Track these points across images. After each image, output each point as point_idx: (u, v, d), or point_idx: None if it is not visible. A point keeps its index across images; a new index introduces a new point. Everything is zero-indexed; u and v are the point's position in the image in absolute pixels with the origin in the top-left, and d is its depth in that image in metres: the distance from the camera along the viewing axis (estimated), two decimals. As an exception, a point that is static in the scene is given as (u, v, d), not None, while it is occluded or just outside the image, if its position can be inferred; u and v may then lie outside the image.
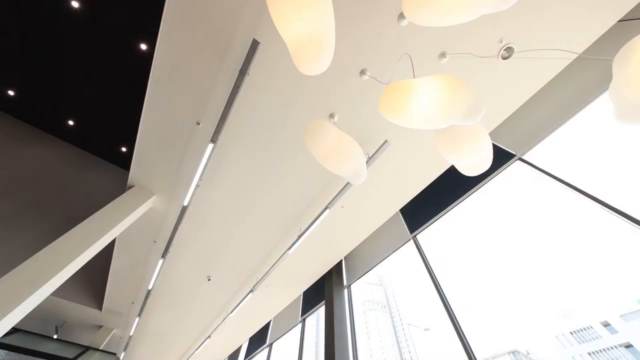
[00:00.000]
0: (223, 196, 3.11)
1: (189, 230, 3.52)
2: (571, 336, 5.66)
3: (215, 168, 2.79)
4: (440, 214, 3.23)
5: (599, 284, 3.19)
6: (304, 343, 4.72)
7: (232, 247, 3.81)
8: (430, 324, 8.60)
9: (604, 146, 2.20)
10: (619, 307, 4.61)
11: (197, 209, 3.23)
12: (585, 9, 1.95)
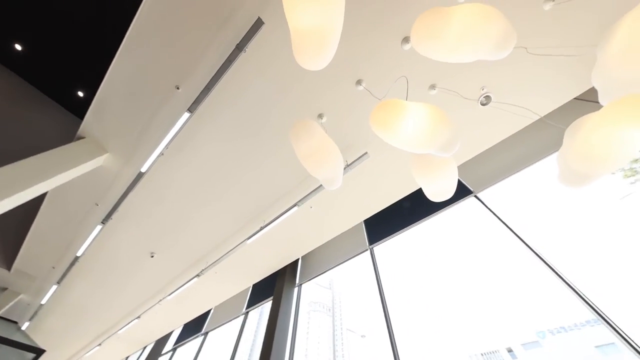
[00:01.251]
0: (188, 173, 2.89)
1: (141, 201, 3.20)
2: (482, 357, 6.48)
3: (185, 141, 2.58)
4: (400, 231, 3.44)
5: (509, 313, 3.70)
6: (242, 335, 4.62)
7: (186, 227, 3.56)
8: (367, 332, 9.08)
9: (542, 198, 2.56)
10: (522, 336, 5.47)
11: (155, 180, 2.96)
12: (551, 85, 2.27)
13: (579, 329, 5.56)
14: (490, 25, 0.99)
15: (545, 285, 2.34)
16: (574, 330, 5.59)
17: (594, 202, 2.93)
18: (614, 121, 0.97)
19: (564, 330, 5.98)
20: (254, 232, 3.43)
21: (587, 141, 1.04)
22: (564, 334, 5.96)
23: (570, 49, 1.94)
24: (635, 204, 2.73)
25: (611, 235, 2.61)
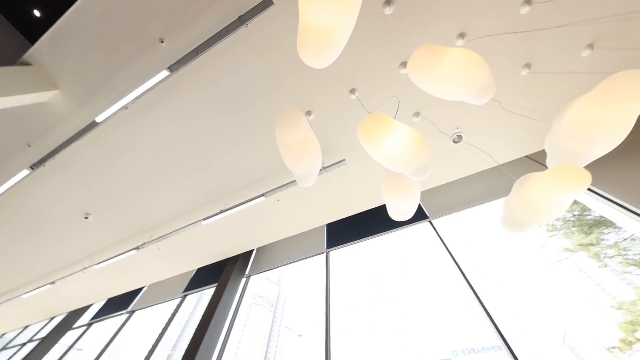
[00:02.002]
0: (152, 137, 2.62)
1: (87, 153, 2.80)
2: None
3: (157, 101, 2.34)
4: (357, 241, 3.58)
5: (433, 331, 4.12)
6: (173, 320, 4.33)
7: (135, 194, 3.21)
8: (305, 332, 9.16)
9: (483, 235, 2.89)
10: (439, 352, 6.36)
11: (111, 134, 2.62)
12: (515, 139, 2.59)
13: (486, 352, 6.47)
14: (478, 74, 1.09)
15: (467, 311, 2.64)
16: (481, 352, 6.46)
17: (520, 246, 3.39)
18: (551, 185, 1.14)
19: (473, 352, 6.88)
20: (212, 215, 3.24)
21: (528, 195, 1.21)
22: (473, 355, 6.88)
23: (535, 113, 2.24)
24: (550, 254, 3.21)
25: (527, 277, 3.03)
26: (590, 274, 3.64)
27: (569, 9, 1.79)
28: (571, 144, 1.15)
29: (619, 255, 3.05)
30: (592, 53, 2.02)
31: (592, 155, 1.14)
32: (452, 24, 1.90)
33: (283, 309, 10.79)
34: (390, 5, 1.75)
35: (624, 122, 1.07)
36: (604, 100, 1.07)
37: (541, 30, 1.84)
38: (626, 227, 2.26)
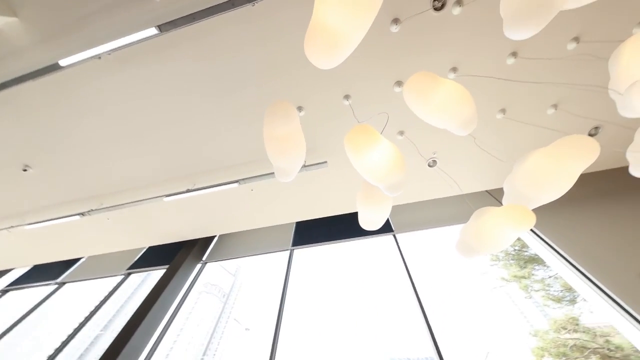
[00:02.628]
0: (125, 96, 2.37)
1: (41, 99, 2.45)
2: None
3: (138, 58, 2.13)
4: (323, 243, 3.63)
5: (376, 337, 4.36)
6: (110, 297, 3.96)
7: (91, 155, 2.88)
8: (253, 326, 8.88)
9: (438, 254, 3.13)
10: (377, 359, 6.75)
11: (75, 83, 2.32)
12: (483, 172, 2.84)
13: None
14: (465, 107, 1.18)
15: (410, 322, 2.83)
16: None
17: (465, 271, 3.74)
18: (503, 220, 1.28)
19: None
20: (177, 192, 3.04)
21: (482, 226, 1.34)
22: None
23: (502, 154, 2.49)
24: (488, 281, 3.57)
25: (467, 298, 3.35)
26: (517, 303, 4.12)
27: (545, 69, 2.03)
28: (524, 188, 1.31)
29: (543, 290, 3.52)
30: (556, 112, 2.31)
31: (539, 201, 1.30)
32: (448, 56, 2.03)
33: (234, 301, 10.35)
34: (397, 24, 1.82)
35: (567, 178, 1.24)
36: (555, 156, 1.23)
37: (519, 82, 2.05)
38: (553, 266, 2.62)
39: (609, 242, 2.39)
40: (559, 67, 2.01)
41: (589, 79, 1.99)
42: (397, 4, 1.77)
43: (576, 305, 3.17)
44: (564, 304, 3.25)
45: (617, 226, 2.49)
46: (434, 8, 1.77)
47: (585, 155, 1.21)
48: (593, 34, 1.88)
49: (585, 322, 3.04)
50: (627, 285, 2.06)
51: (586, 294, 2.25)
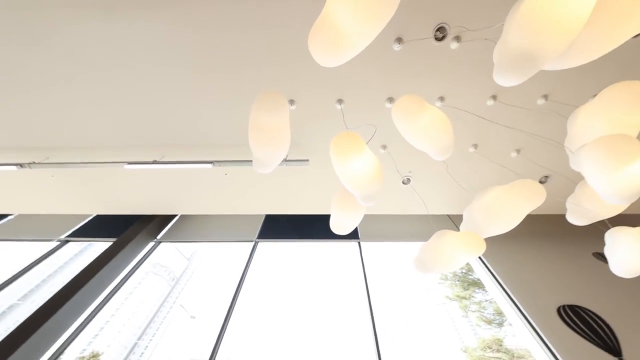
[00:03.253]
0: (105, 44, 2.12)
1: None
2: None
3: (132, 10, 1.92)
4: (290, 240, 3.63)
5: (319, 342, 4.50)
6: (37, 265, 3.51)
7: (41, 97, 2.52)
8: (200, 315, 8.32)
9: (395, 267, 3.29)
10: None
11: (39, 16, 2.01)
12: (449, 197, 3.06)
13: None
14: (444, 135, 1.26)
15: (357, 329, 2.95)
16: (357, 369, 6.98)
17: (414, 286, 4.01)
18: (458, 244, 1.39)
19: (351, 365, 7.38)
20: (142, 161, 2.79)
21: (439, 247, 1.44)
22: None
23: (467, 185, 2.70)
24: (433, 297, 3.89)
25: (412, 311, 3.60)
26: (454, 320, 4.54)
27: (516, 116, 2.26)
28: (480, 219, 1.44)
29: (478, 311, 3.90)
30: (517, 156, 2.59)
31: (490, 232, 1.44)
32: (438, 85, 2.16)
33: (184, 286, 9.62)
34: (399, 43, 1.88)
35: (516, 216, 1.39)
36: (509, 195, 1.38)
37: (493, 123, 2.26)
38: (490, 291, 2.91)
39: (540, 277, 2.73)
40: (528, 117, 2.26)
41: (550, 133, 2.26)
42: (404, 25, 1.83)
43: (502, 328, 3.57)
44: (493, 325, 3.65)
45: (549, 264, 2.86)
46: (435, 38, 1.88)
47: (533, 199, 1.37)
48: (559, 94, 2.14)
49: (507, 344, 3.45)
50: (545, 316, 2.37)
51: (512, 319, 2.55)
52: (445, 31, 1.84)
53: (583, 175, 1.16)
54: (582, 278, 2.68)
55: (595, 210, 1.43)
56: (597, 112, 1.23)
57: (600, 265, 2.77)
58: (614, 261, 1.33)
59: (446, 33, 1.85)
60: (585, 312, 2.36)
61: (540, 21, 0.73)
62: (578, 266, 2.81)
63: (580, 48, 0.81)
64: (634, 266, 1.25)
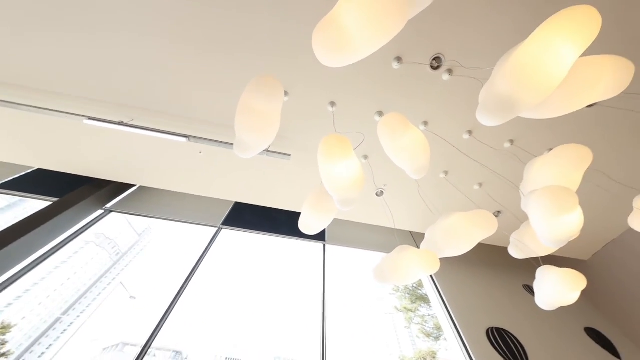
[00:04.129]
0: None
1: None
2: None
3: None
4: (256, 232, 3.54)
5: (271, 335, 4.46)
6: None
7: (14, 39, 2.13)
8: (141, 296, 7.56)
9: (355, 274, 3.39)
10: (261, 356, 6.84)
11: None
12: (415, 215, 3.24)
13: None
14: (422, 156, 1.34)
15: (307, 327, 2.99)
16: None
17: (368, 294, 4.18)
18: (415, 260, 1.49)
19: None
20: (106, 119, 2.51)
21: (399, 261, 1.53)
22: None
23: (434, 207, 2.90)
24: (383, 307, 4.08)
25: (362, 317, 3.74)
26: (397, 331, 4.82)
27: (484, 153, 2.48)
28: (439, 240, 1.56)
29: (420, 324, 4.20)
30: (479, 189, 2.84)
31: (446, 253, 1.57)
32: (425, 109, 2.29)
33: (129, 263, 8.68)
34: (399, 62, 1.96)
35: (469, 243, 1.53)
36: (466, 223, 1.51)
37: (464, 155, 2.45)
38: (434, 307, 3.15)
39: (477, 300, 3.03)
40: (494, 157, 2.50)
41: (509, 174, 2.53)
42: (407, 46, 1.91)
43: (438, 342, 3.89)
44: (431, 338, 3.95)
45: (487, 290, 3.19)
46: (431, 66, 1.99)
47: (486, 229, 1.52)
48: (523, 142, 2.41)
49: (440, 357, 3.76)
50: (476, 336, 2.64)
51: (448, 335, 2.79)
52: (441, 62, 1.97)
53: (528, 216, 1.32)
54: (510, 305, 3.04)
55: (532, 248, 1.63)
56: (549, 165, 1.41)
57: (527, 296, 3.17)
58: (539, 294, 1.53)
59: (441, 64, 1.97)
60: (507, 335, 2.68)
61: (524, 74, 0.81)
62: (509, 294, 3.17)
63: (551, 105, 0.92)
64: (554, 300, 1.45)
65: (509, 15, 1.78)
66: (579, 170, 1.34)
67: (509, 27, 1.82)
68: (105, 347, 3.47)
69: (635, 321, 2.92)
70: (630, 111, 1.79)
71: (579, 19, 0.76)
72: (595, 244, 3.37)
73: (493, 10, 1.77)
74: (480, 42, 1.89)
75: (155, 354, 4.67)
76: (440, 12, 1.77)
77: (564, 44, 0.78)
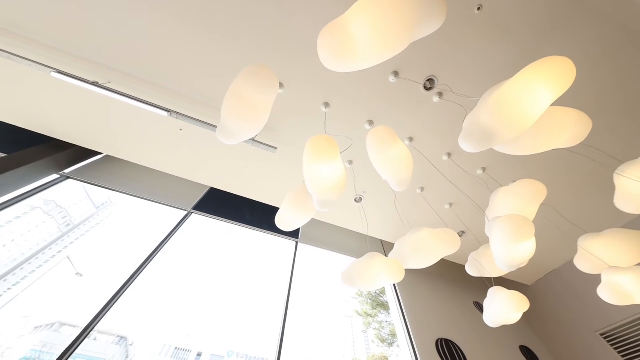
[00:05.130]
0: None
1: None
2: (174, 350, 7.00)
3: None
4: (228, 220, 3.44)
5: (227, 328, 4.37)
6: None
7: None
8: (90, 274, 6.81)
9: (317, 275, 3.42)
10: (216, 348, 6.66)
11: None
12: (390, 224, 3.36)
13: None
14: (405, 170, 1.40)
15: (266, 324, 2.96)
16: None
17: (332, 296, 4.25)
18: (382, 268, 1.54)
19: (246, 357, 7.39)
20: (78, 76, 2.28)
21: (366, 267, 1.58)
22: (243, 359, 7.31)
23: (406, 220, 3.02)
24: (344, 309, 4.17)
25: (322, 317, 3.78)
26: (354, 334, 4.95)
27: (458, 176, 2.65)
28: (406, 252, 1.64)
29: (377, 330, 4.36)
30: (449, 209, 3.03)
31: (411, 265, 1.65)
32: (412, 125, 2.39)
33: (80, 237, 7.70)
34: (395, 77, 2.02)
35: (433, 257, 1.63)
36: (433, 238, 1.61)
37: (441, 175, 2.60)
38: (393, 314, 3.28)
39: (432, 312, 3.22)
40: (467, 181, 2.68)
41: (478, 198, 2.72)
42: (405, 63, 1.98)
43: (391, 348, 4.06)
44: (385, 344, 4.12)
45: (442, 303, 3.39)
46: (424, 86, 2.08)
47: (451, 246, 1.63)
48: (494, 171, 2.61)
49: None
50: (426, 345, 2.80)
51: (401, 342, 2.92)
52: (434, 84, 2.07)
53: (490, 239, 1.44)
54: (460, 319, 3.26)
55: (487, 268, 1.78)
56: (510, 195, 1.55)
57: (476, 313, 3.43)
58: (488, 312, 1.67)
59: (434, 86, 2.07)
60: (454, 346, 2.87)
61: (505, 110, 0.88)
62: (461, 309, 3.41)
63: (523, 142, 1.01)
64: (499, 319, 1.59)
65: (503, 53, 1.92)
66: (534, 203, 1.49)
67: (500, 63, 1.97)
68: (38, 325, 3.11)
69: (561, 343, 3.30)
70: (588, 158, 2.03)
71: (558, 68, 0.84)
72: (539, 271, 3.75)
73: (490, 46, 1.90)
74: (473, 72, 2.02)
75: (96, 338, 4.28)
76: (442, 37, 1.86)
77: (542, 88, 0.86)
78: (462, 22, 1.82)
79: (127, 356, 5.12)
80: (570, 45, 1.86)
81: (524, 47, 1.90)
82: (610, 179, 1.34)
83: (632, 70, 1.94)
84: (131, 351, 5.20)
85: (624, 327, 2.78)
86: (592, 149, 1.80)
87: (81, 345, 1.99)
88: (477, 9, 1.75)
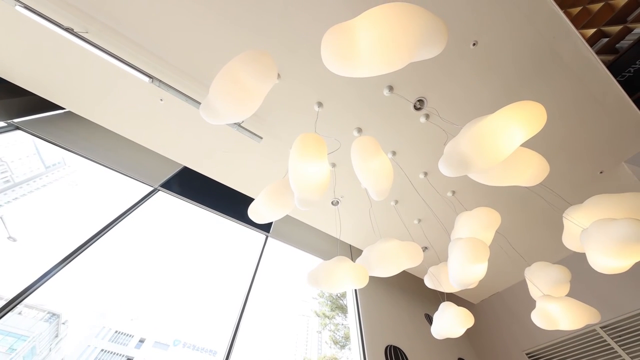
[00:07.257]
0: None
1: None
2: (114, 333, 6.52)
3: None
4: (197, 204, 3.28)
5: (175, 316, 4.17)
6: None
7: None
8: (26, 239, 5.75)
9: (286, 272, 3.40)
10: (161, 336, 6.33)
11: None
12: (361, 230, 3.44)
13: (202, 352, 6.78)
14: (385, 181, 1.45)
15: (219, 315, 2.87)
16: (198, 351, 6.77)
17: (294, 294, 4.25)
18: (349, 272, 1.58)
19: (192, 347, 7.10)
20: (50, 18, 2.01)
21: (334, 270, 1.61)
22: (189, 350, 7.06)
23: (378, 229, 3.12)
24: (303, 309, 4.18)
25: (280, 314, 3.77)
26: (309, 333, 5.00)
27: (430, 194, 2.81)
28: (373, 259, 1.71)
29: (332, 332, 4.45)
30: (418, 224, 3.19)
31: (376, 272, 1.72)
32: (397, 140, 2.48)
33: (19, 197, 6.45)
34: (390, 91, 2.09)
35: (396, 268, 1.71)
36: (398, 250, 1.69)
37: (415, 192, 2.74)
38: (350, 318, 3.37)
39: (386, 319, 3.36)
40: (437, 201, 2.85)
41: (444, 219, 2.91)
42: (401, 80, 2.06)
43: (343, 351, 4.17)
44: (337, 346, 4.21)
45: (396, 312, 3.56)
46: (414, 106, 2.18)
47: (414, 259, 1.72)
48: (462, 195, 2.81)
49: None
50: (376, 350, 2.92)
51: (353, 346, 3.02)
52: (423, 105, 2.17)
53: (449, 257, 1.54)
54: (410, 328, 3.46)
55: (442, 283, 1.91)
56: (472, 219, 1.68)
57: (425, 324, 3.66)
58: (436, 323, 1.79)
59: (423, 107, 2.18)
60: (401, 353, 3.04)
61: (482, 142, 0.96)
62: (412, 319, 3.61)
63: (493, 174, 1.11)
64: (445, 332, 1.72)
65: (488, 88, 2.08)
66: (490, 230, 1.64)
67: (485, 98, 2.13)
68: (-51, 291, 2.63)
69: (492, 358, 3.65)
70: (541, 197, 2.27)
71: (533, 112, 0.93)
72: (484, 292, 4.11)
73: (478, 81, 2.05)
74: (460, 101, 2.16)
75: (22, 312, 3.73)
76: (437, 64, 1.97)
77: (516, 128, 0.95)
78: (458, 53, 1.94)
79: (57, 335, 4.58)
80: (547, 91, 2.08)
81: (508, 86, 2.08)
82: (557, 217, 1.52)
83: (590, 124, 2.23)
84: (62, 330, 4.65)
85: (547, 348, 3.17)
86: (546, 188, 2.02)
87: (1, 319, 1.76)
88: (472, 44, 1.87)
